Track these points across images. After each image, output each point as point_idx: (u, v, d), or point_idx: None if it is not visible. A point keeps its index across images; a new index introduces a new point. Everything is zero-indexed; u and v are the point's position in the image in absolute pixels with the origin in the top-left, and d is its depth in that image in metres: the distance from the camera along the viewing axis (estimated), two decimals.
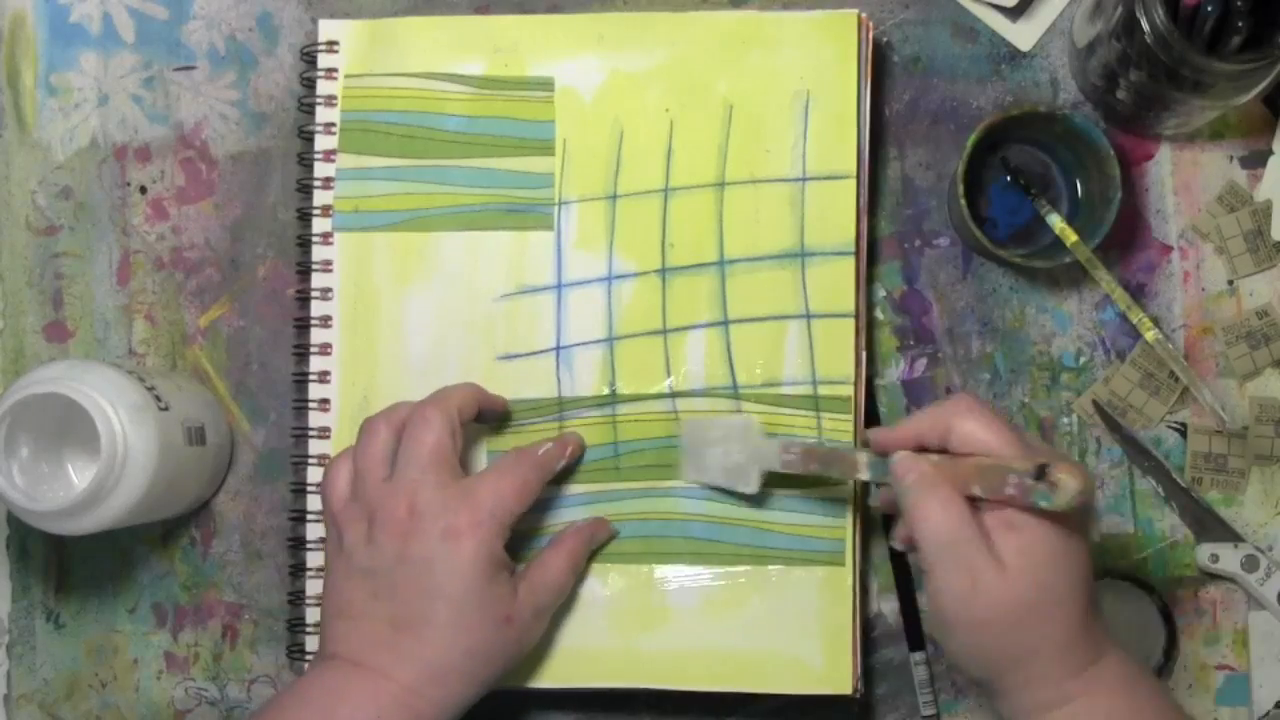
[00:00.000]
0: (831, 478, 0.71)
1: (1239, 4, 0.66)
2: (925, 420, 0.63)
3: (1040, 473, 0.59)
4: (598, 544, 0.73)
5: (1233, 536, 0.75)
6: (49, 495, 0.68)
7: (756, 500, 0.72)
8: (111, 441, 0.66)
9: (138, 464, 0.67)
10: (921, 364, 0.76)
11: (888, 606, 0.76)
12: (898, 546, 0.68)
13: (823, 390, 0.72)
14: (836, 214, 0.73)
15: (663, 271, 0.74)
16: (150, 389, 0.69)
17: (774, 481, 0.71)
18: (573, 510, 0.73)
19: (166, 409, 0.69)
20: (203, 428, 0.73)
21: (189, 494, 0.75)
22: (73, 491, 0.66)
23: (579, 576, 0.72)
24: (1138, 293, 0.76)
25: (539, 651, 0.72)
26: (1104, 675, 0.61)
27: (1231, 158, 0.76)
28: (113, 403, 0.66)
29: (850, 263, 0.73)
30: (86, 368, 0.68)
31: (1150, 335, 0.73)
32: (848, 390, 0.72)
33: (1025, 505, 0.59)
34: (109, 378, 0.68)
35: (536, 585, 0.69)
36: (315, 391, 0.75)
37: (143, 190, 0.78)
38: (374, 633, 0.66)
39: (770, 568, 0.72)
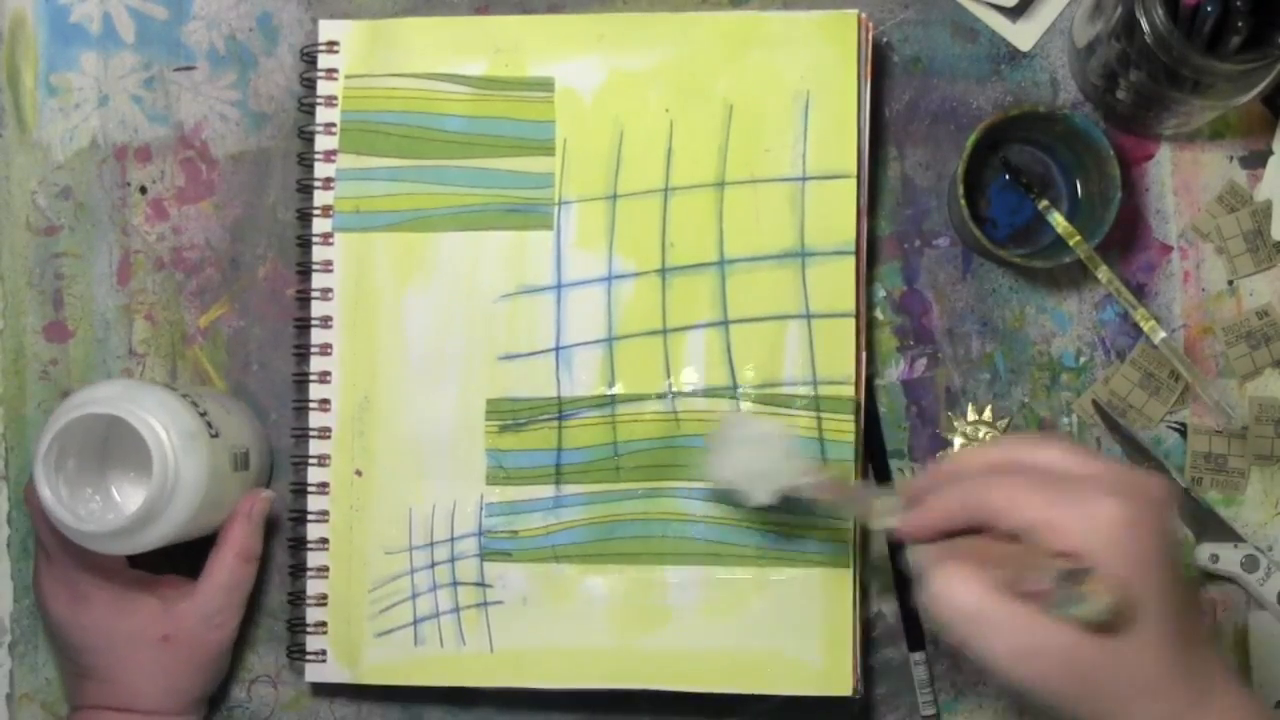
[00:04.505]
0: (840, 514, 0.71)
1: (1239, 4, 0.66)
2: (955, 499, 0.57)
3: (1072, 575, 0.51)
4: (260, 517, 0.73)
5: (1233, 536, 0.75)
6: (93, 515, 0.67)
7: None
8: (164, 468, 0.65)
9: (186, 490, 0.66)
10: (921, 364, 0.76)
11: (888, 606, 0.76)
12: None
13: (823, 390, 0.72)
14: (836, 214, 0.73)
15: (663, 271, 0.74)
16: (203, 414, 0.68)
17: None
18: (573, 510, 0.73)
19: (217, 435, 0.68)
20: (248, 453, 0.72)
21: (224, 515, 0.73)
22: (120, 515, 0.66)
23: (258, 557, 0.74)
24: (1138, 292, 0.76)
25: (539, 651, 0.72)
26: (1225, 706, 0.54)
27: (1231, 158, 0.76)
28: (167, 428, 0.65)
29: (850, 262, 0.73)
30: (142, 390, 0.67)
31: (1153, 332, 0.73)
32: (848, 390, 0.72)
33: (1050, 606, 0.52)
34: (164, 402, 0.66)
35: (201, 593, 0.72)
36: (315, 392, 0.75)
37: (143, 190, 0.79)
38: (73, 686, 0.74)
39: (771, 569, 0.72)
